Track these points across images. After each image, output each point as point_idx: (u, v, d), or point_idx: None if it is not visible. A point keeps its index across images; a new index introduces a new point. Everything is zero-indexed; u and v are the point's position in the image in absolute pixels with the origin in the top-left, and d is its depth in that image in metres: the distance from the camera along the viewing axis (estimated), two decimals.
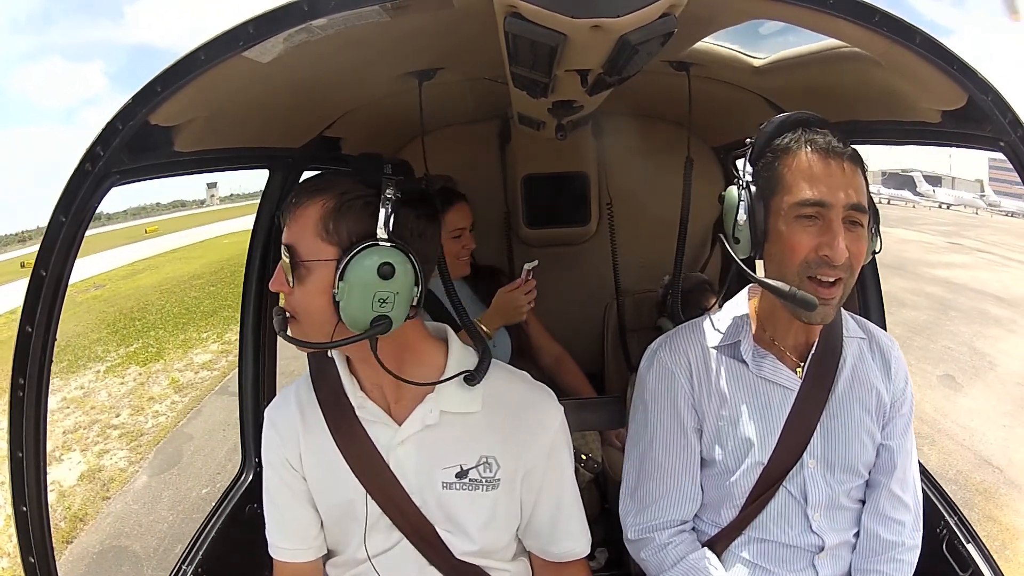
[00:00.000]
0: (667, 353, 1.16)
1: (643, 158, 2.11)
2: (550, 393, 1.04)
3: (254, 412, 1.61)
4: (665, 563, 1.12)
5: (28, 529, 0.93)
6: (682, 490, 1.14)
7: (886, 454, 1.13)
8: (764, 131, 1.03)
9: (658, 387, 1.15)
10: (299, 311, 0.89)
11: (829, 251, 0.95)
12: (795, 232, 0.98)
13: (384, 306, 0.84)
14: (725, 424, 1.11)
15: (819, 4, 0.85)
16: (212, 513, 1.48)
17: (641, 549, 1.16)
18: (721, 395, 1.11)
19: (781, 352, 1.11)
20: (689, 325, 1.19)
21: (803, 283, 0.98)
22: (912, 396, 1.17)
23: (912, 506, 1.14)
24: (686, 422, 1.13)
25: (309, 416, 1.01)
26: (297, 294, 0.88)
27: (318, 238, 0.86)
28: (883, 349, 1.16)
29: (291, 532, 1.03)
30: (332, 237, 0.85)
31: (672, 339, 1.18)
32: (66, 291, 0.94)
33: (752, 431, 1.10)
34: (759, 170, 1.02)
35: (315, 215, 0.86)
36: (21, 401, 0.91)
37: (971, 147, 1.13)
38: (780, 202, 0.99)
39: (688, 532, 1.15)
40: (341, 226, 0.85)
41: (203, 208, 62.79)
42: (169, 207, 60.80)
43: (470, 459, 0.97)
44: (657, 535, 1.14)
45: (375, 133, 1.89)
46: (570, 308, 2.29)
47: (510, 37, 0.80)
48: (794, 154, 0.99)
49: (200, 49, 0.85)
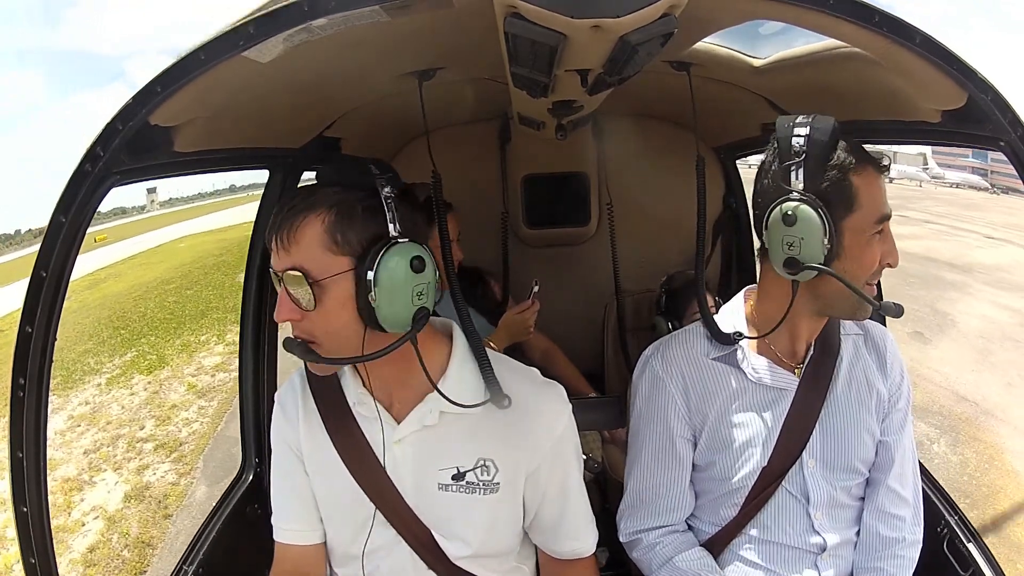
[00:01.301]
0: (659, 363, 1.15)
1: (644, 158, 2.11)
2: (558, 391, 1.02)
3: (254, 412, 1.62)
4: (654, 562, 1.13)
5: (28, 529, 0.93)
6: (670, 498, 1.15)
7: (883, 450, 1.13)
8: (818, 142, 0.97)
9: (649, 396, 1.16)
10: (320, 334, 0.85)
11: (892, 260, 1.01)
12: (873, 247, 0.99)
13: (422, 298, 0.85)
14: (724, 429, 1.11)
15: (819, 4, 0.85)
16: (212, 514, 1.48)
17: (632, 549, 1.18)
18: (717, 402, 1.11)
19: (778, 355, 1.11)
20: (683, 332, 1.18)
21: (864, 289, 1.00)
22: (909, 390, 1.17)
23: (911, 500, 1.15)
24: (675, 432, 1.13)
25: (308, 407, 1.01)
26: (315, 317, 0.84)
27: (329, 252, 0.83)
28: (877, 343, 1.17)
29: (299, 510, 1.02)
30: (343, 248, 0.83)
31: (665, 348, 1.17)
32: (67, 291, 0.94)
33: (751, 435, 1.10)
34: (828, 187, 0.96)
35: (318, 230, 0.83)
36: (21, 401, 0.91)
37: (971, 146, 1.13)
38: (859, 220, 0.97)
39: (679, 533, 1.16)
40: (350, 234, 0.83)
41: (145, 214, 61.59)
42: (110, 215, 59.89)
43: (468, 461, 0.96)
44: (645, 536, 1.15)
45: (375, 133, 1.89)
46: (570, 308, 2.29)
47: (510, 37, 0.80)
48: (864, 169, 0.98)
49: (200, 49, 0.85)
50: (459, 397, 0.92)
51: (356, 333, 0.85)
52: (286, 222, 0.84)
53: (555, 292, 1.89)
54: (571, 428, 1.01)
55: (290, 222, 0.84)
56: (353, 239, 0.84)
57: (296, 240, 0.84)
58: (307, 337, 0.86)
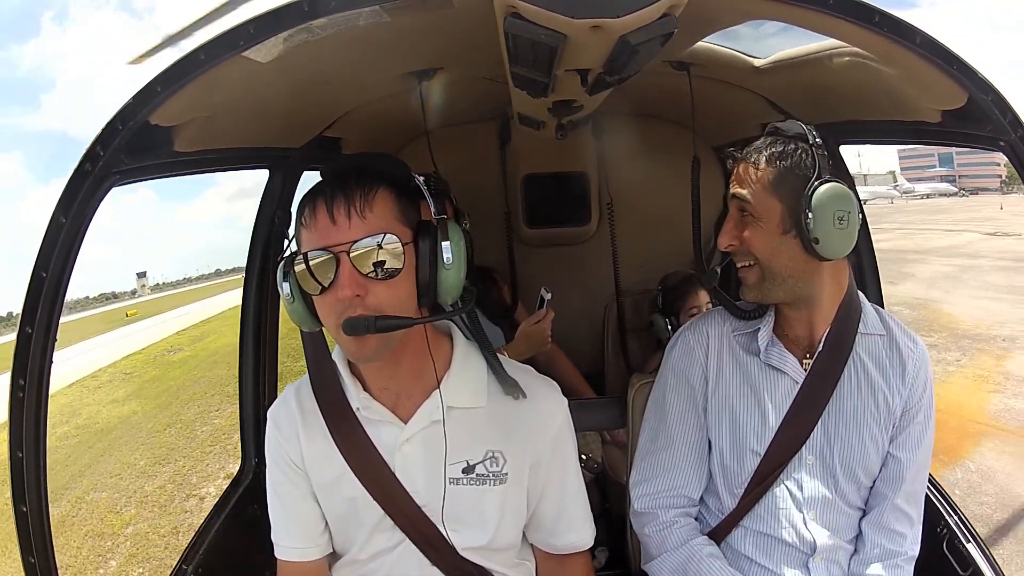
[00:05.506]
0: (691, 332, 1.20)
1: (643, 158, 2.11)
2: (554, 386, 1.05)
3: (254, 413, 1.61)
4: (667, 543, 1.13)
5: (28, 529, 0.93)
6: (691, 465, 1.17)
7: (894, 465, 1.11)
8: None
9: (679, 363, 1.19)
10: (387, 306, 0.85)
11: None
12: None
13: (467, 278, 0.90)
14: (727, 407, 1.13)
15: (819, 4, 0.85)
16: (212, 514, 1.48)
17: (646, 524, 1.18)
18: (727, 376, 1.14)
19: (790, 343, 1.12)
20: (719, 309, 1.22)
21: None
22: (931, 404, 1.12)
23: (916, 519, 1.13)
24: (698, 400, 1.16)
25: (309, 417, 1.00)
26: (382, 289, 0.85)
27: (397, 223, 0.87)
28: (901, 349, 1.12)
29: (297, 530, 1.03)
30: (405, 220, 0.88)
31: (699, 321, 1.22)
32: (66, 291, 0.94)
33: (752, 418, 1.11)
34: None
35: (390, 200, 0.87)
36: (21, 401, 0.91)
37: (971, 147, 1.13)
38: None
39: (692, 518, 1.17)
40: (409, 209, 0.89)
41: (136, 299, 61.07)
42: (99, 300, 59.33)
43: (476, 454, 0.97)
44: (662, 512, 1.16)
45: (375, 133, 1.89)
46: (570, 308, 2.28)
47: (510, 37, 0.80)
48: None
49: (200, 49, 0.85)
50: (462, 393, 0.96)
51: (414, 308, 0.89)
52: (356, 189, 0.85)
53: (555, 292, 1.90)
54: (568, 422, 1.04)
55: (363, 188, 0.85)
56: (412, 214, 0.89)
57: (372, 207, 0.85)
58: (370, 312, 0.84)
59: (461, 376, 0.97)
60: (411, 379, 0.96)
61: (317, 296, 0.87)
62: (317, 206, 0.85)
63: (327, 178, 0.88)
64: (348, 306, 0.84)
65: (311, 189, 0.89)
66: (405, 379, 0.96)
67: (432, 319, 0.92)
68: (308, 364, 1.05)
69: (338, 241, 0.84)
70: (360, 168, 0.88)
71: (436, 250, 0.87)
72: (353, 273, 0.84)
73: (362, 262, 0.84)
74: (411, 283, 0.87)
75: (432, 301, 0.90)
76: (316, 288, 0.86)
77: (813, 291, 1.07)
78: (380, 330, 0.83)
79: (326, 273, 0.84)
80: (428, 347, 0.94)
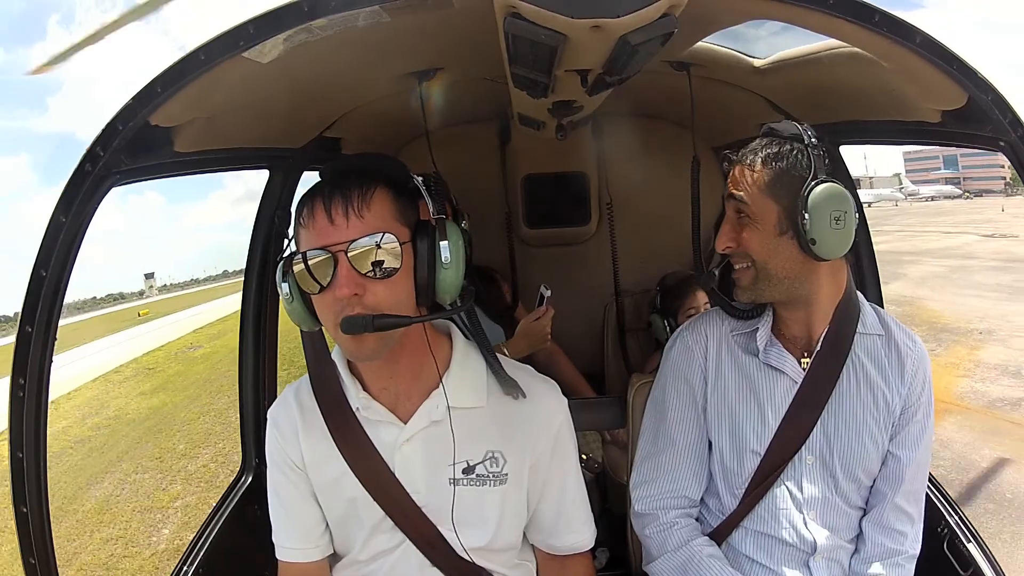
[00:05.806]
0: (689, 332, 1.20)
1: (643, 158, 2.11)
2: (554, 386, 1.05)
3: (254, 412, 1.61)
4: (668, 544, 1.13)
5: (28, 529, 0.93)
6: (691, 466, 1.17)
7: (894, 464, 1.11)
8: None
9: (678, 364, 1.19)
10: (386, 305, 0.86)
11: None
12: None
13: (466, 277, 0.91)
14: (726, 407, 1.13)
15: (819, 4, 0.85)
16: (212, 514, 1.48)
17: (646, 525, 1.17)
18: (726, 377, 1.14)
19: (788, 343, 1.12)
20: (717, 310, 1.22)
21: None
22: (930, 402, 1.12)
23: (916, 517, 1.13)
24: (698, 402, 1.16)
25: (309, 418, 1.00)
26: (381, 288, 0.85)
27: (395, 222, 0.87)
28: (900, 349, 1.12)
29: (298, 531, 1.03)
30: (403, 220, 0.88)
31: (696, 321, 1.22)
32: (66, 291, 0.94)
33: (751, 418, 1.11)
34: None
35: (388, 199, 0.87)
36: (21, 401, 0.91)
37: (971, 147, 1.13)
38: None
39: (692, 519, 1.17)
40: (408, 209, 0.89)
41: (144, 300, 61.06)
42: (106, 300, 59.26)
43: (477, 454, 0.97)
44: (662, 513, 1.16)
45: (375, 133, 1.89)
46: (570, 308, 2.28)
47: (510, 37, 0.80)
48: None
49: (200, 49, 0.85)
50: (462, 392, 0.95)
51: (413, 307, 0.89)
52: (354, 189, 0.85)
53: (555, 291, 1.90)
54: (568, 422, 1.04)
55: (361, 188, 0.85)
56: (410, 214, 0.89)
57: (370, 207, 0.85)
58: (369, 311, 0.85)
59: (460, 376, 0.97)
60: (411, 379, 0.96)
61: (316, 295, 0.88)
62: (315, 206, 0.85)
63: (325, 178, 0.89)
64: (346, 305, 0.84)
65: (310, 189, 0.89)
66: (404, 379, 0.96)
67: (430, 318, 0.92)
68: (308, 364, 1.05)
69: (336, 241, 0.84)
70: (358, 168, 0.88)
71: (434, 249, 0.87)
72: (351, 272, 0.84)
73: (360, 261, 0.84)
74: (409, 282, 0.87)
75: (430, 300, 0.90)
76: (315, 287, 0.86)
77: (810, 291, 1.07)
78: (378, 329, 0.84)
79: (324, 272, 0.85)
80: (428, 346, 0.94)
